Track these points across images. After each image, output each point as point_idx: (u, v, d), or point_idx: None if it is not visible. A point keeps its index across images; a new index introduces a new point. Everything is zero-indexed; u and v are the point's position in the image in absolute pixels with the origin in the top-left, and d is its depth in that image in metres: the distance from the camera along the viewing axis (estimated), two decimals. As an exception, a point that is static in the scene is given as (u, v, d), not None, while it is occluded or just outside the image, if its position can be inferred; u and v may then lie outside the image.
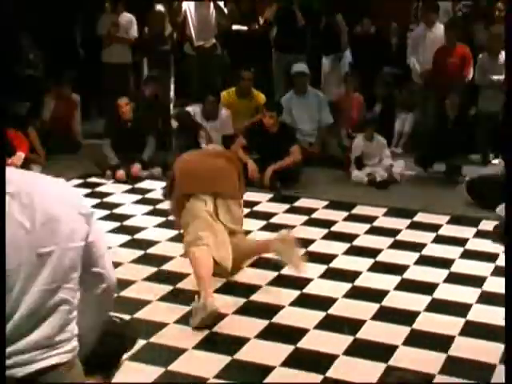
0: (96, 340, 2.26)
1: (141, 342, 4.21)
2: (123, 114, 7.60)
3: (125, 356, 3.94)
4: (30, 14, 9.34)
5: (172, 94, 10.15)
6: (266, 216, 6.54)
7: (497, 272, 5.25)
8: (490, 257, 5.57)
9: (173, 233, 5.90)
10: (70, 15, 9.86)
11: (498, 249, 5.65)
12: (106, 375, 2.50)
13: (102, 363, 2.45)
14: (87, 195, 7.04)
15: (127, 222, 6.33)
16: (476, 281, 5.18)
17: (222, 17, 9.40)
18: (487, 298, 4.88)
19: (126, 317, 4.46)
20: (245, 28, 9.49)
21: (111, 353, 2.48)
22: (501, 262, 5.39)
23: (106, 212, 6.57)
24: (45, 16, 9.46)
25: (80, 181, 7.48)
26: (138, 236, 5.97)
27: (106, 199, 6.99)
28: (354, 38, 9.63)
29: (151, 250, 5.68)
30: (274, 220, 6.46)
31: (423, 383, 2.37)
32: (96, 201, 6.90)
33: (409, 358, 4.14)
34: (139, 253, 5.59)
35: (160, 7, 9.55)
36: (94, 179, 7.54)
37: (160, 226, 6.21)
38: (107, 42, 9.36)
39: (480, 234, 6.07)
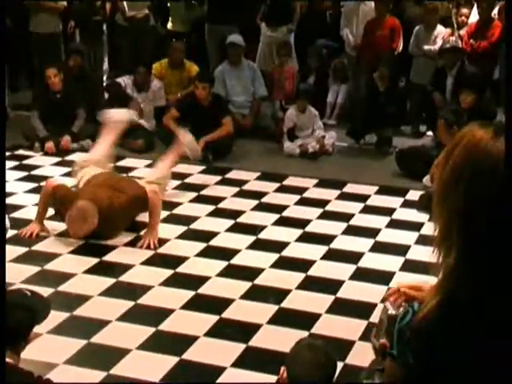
0: None
1: (64, 315, 4.22)
2: (52, 84, 7.44)
3: (47, 329, 3.95)
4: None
5: (106, 65, 9.98)
6: (198, 188, 6.52)
7: (421, 241, 5.36)
8: (415, 226, 5.68)
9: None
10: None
11: (423, 218, 5.76)
12: (14, 350, 2.46)
13: (8, 337, 2.41)
14: (15, 168, 6.91)
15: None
16: (400, 249, 5.28)
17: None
18: (410, 266, 4.98)
19: (50, 290, 4.46)
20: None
21: (18, 326, 2.44)
22: (425, 231, 5.50)
23: (34, 185, 6.45)
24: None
25: (8, 153, 7.27)
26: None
27: (34, 172, 6.86)
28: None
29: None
30: (205, 192, 6.45)
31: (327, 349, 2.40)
32: (24, 173, 6.78)
33: (332, 326, 4.22)
34: (63, 226, 5.51)
35: (91, -24, 9.33)
36: (22, 151, 7.39)
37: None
38: (34, 10, 9.09)
39: (407, 204, 6.18)
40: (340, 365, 3.74)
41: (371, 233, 5.58)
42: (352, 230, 5.65)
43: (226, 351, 3.94)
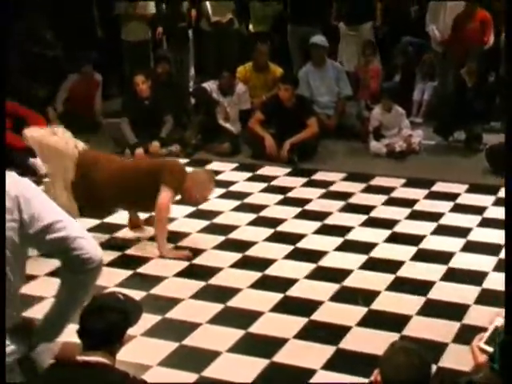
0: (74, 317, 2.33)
1: (156, 318, 4.31)
2: (140, 91, 7.61)
3: (140, 331, 4.05)
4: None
5: (192, 71, 10.14)
6: (284, 190, 6.54)
7: (515, 240, 5.19)
8: (508, 225, 5.51)
9: (190, 209, 5.93)
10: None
11: (517, 216, 5.58)
12: (110, 351, 2.54)
13: (103, 338, 2.49)
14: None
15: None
16: (493, 249, 5.14)
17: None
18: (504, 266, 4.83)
19: (142, 293, 4.57)
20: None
21: (112, 328, 2.51)
22: (519, 229, 5.33)
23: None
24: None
25: (100, 160, 7.52)
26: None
27: (125, 177, 7.03)
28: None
29: (171, 227, 5.71)
30: (291, 194, 6.46)
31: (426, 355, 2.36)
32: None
33: (423, 328, 4.15)
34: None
35: (176, -17, 9.51)
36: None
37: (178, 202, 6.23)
38: (125, 19, 9.35)
39: (499, 202, 6.01)
40: (433, 367, 3.70)
41: (462, 232, 5.46)
42: (442, 230, 5.54)
43: (316, 353, 3.94)
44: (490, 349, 1.77)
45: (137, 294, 4.37)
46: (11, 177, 2.26)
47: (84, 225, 5.46)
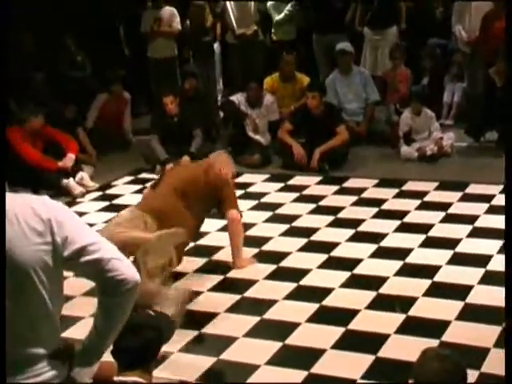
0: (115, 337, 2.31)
1: (192, 333, 4.31)
2: (170, 110, 7.67)
3: (177, 347, 4.05)
4: (72, 16, 9.50)
5: (220, 84, 10.18)
6: (316, 199, 6.51)
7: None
8: (546, 224, 5.41)
9: (222, 222, 5.93)
10: (112, 14, 10.00)
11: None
12: (145, 369, 2.54)
13: (138, 357, 2.49)
14: (139, 191, 7.14)
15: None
16: (531, 250, 5.05)
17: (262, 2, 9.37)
18: (543, 267, 4.75)
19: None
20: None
21: (147, 346, 2.51)
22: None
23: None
24: (88, 17, 9.62)
25: (131, 177, 7.59)
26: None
27: (157, 194, 7.06)
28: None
29: (202, 241, 5.72)
30: (323, 202, 6.43)
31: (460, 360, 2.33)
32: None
33: (463, 333, 4.09)
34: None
35: (200, -1, 9.57)
36: (144, 175, 7.63)
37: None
38: (151, 37, 9.43)
39: (535, 202, 5.91)
40: (475, 373, 3.64)
41: (499, 234, 5.35)
42: (478, 232, 5.47)
43: (354, 363, 3.90)
44: None
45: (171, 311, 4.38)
46: (43, 200, 2.27)
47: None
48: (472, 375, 3.57)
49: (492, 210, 5.87)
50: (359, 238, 5.55)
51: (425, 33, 9.11)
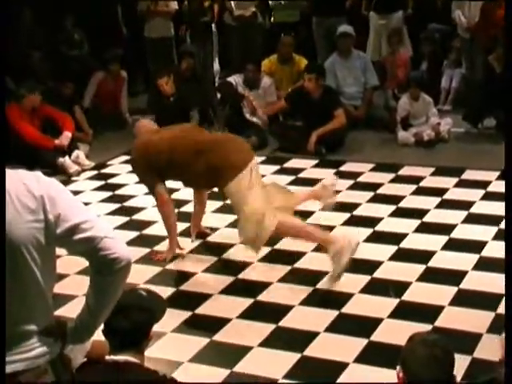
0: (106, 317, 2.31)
1: (186, 314, 4.31)
2: (165, 91, 7.63)
3: (170, 328, 4.05)
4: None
5: (217, 65, 10.12)
6: (312, 182, 6.45)
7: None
8: (542, 212, 5.41)
9: (218, 204, 5.92)
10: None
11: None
12: (137, 349, 2.53)
13: (130, 338, 2.48)
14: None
15: (174, 196, 6.36)
16: (526, 237, 5.05)
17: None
18: (538, 254, 4.75)
19: (171, 289, 4.57)
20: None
21: (138, 327, 2.51)
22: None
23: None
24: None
25: (127, 157, 7.52)
26: (184, 209, 6.00)
27: (152, 174, 7.04)
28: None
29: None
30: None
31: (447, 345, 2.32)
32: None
33: (456, 318, 4.10)
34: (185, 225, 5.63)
35: (198, -22, 9.49)
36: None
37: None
38: (148, 16, 9.37)
39: (531, 189, 5.90)
40: (468, 359, 3.65)
41: (494, 220, 5.37)
42: (473, 218, 5.47)
43: (347, 346, 3.91)
44: None
45: (166, 291, 4.39)
46: (36, 176, 2.25)
47: (112, 222, 5.50)
48: (464, 360, 3.58)
49: (488, 197, 5.87)
50: (354, 221, 5.54)
51: (425, 18, 9.05)
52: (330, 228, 5.40)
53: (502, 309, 4.15)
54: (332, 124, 7.30)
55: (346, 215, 5.65)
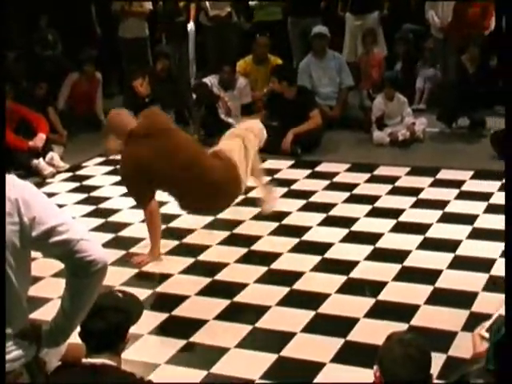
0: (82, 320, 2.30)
1: (163, 315, 4.30)
2: (140, 92, 7.61)
3: (147, 330, 4.04)
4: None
5: (193, 66, 10.09)
6: (288, 183, 6.51)
7: (521, 225, 5.16)
8: (515, 210, 5.47)
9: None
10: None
11: (523, 202, 5.54)
12: (114, 352, 2.52)
13: (106, 340, 2.47)
14: (110, 172, 7.08)
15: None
16: (500, 235, 5.09)
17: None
18: None
19: (148, 291, 4.55)
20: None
21: (115, 329, 2.50)
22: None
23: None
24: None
25: (102, 158, 7.52)
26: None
27: (128, 175, 7.00)
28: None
29: (174, 223, 5.69)
30: (295, 186, 6.43)
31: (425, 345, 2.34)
32: (117, 178, 6.93)
33: (432, 317, 4.12)
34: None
35: (173, -21, 9.46)
36: (116, 156, 7.54)
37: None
38: (122, 16, 9.32)
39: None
40: (443, 357, 3.68)
41: (469, 219, 5.42)
42: (448, 218, 5.51)
43: (324, 346, 3.92)
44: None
45: (142, 293, 4.37)
46: (11, 180, 2.23)
47: (87, 224, 5.47)
48: (439, 359, 3.61)
49: (462, 196, 5.92)
50: (330, 222, 5.56)
51: (400, 18, 9.11)
52: (307, 229, 5.43)
53: (476, 307, 4.20)
54: (307, 124, 7.32)
55: (322, 216, 5.66)
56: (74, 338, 2.55)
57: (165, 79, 8.24)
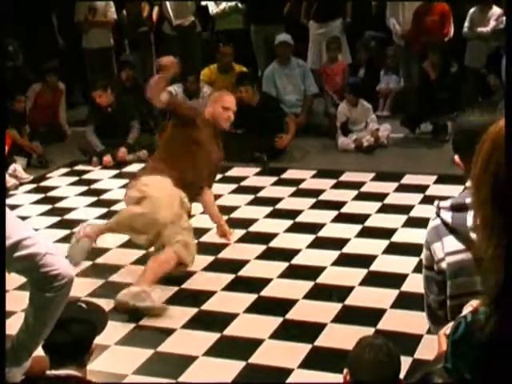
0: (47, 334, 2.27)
1: (130, 326, 4.27)
2: (101, 102, 7.57)
3: (113, 340, 4.01)
4: (3, 5, 9.25)
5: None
6: (254, 190, 6.52)
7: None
8: (478, 213, 5.54)
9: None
10: (45, 3, 9.78)
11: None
12: (79, 363, 2.49)
13: (71, 352, 2.44)
14: (75, 183, 7.03)
15: (115, 207, 6.29)
16: (464, 238, 5.16)
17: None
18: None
19: (110, 302, 4.52)
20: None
21: (79, 339, 2.47)
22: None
23: (94, 198, 6.56)
24: (20, 6, 9.39)
25: (67, 169, 7.46)
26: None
27: (94, 186, 6.97)
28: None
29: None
30: (262, 193, 6.45)
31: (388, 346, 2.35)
32: (84, 188, 6.89)
33: (398, 321, 4.16)
34: (126, 237, 5.57)
35: (136, -12, 9.45)
36: (81, 166, 7.51)
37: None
38: (85, 27, 9.28)
39: (468, 192, 6.04)
40: (409, 360, 3.70)
41: (433, 223, 5.47)
42: (413, 222, 5.55)
43: (291, 353, 3.92)
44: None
45: (108, 303, 4.33)
46: None
47: (52, 235, 5.41)
48: (405, 361, 3.62)
49: (427, 200, 5.96)
50: (297, 228, 5.58)
51: (363, 26, 9.19)
52: (273, 235, 5.44)
53: (442, 310, 4.23)
54: (290, 134, 7.36)
55: (289, 222, 5.68)
56: (39, 351, 2.52)
57: (130, 88, 8.21)
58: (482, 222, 1.46)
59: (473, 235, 1.63)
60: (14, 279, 4.35)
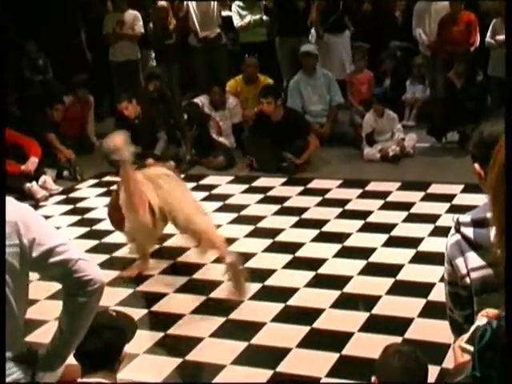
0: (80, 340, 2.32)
1: (158, 334, 4.31)
2: (128, 114, 7.66)
3: (142, 349, 4.05)
4: (33, 20, 9.44)
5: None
6: (281, 200, 6.55)
7: None
8: (505, 222, 5.52)
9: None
10: (74, 18, 9.94)
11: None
12: (110, 370, 2.54)
13: (101, 359, 2.49)
14: (103, 194, 7.11)
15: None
16: (491, 247, 5.14)
17: (225, 6, 9.41)
18: (503, 264, 4.83)
19: (144, 310, 4.57)
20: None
21: (109, 347, 2.51)
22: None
23: (122, 209, 6.62)
24: (49, 21, 9.56)
25: (96, 180, 7.55)
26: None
27: (121, 197, 7.03)
28: (360, 15, 9.55)
29: (167, 243, 5.72)
30: (288, 203, 6.47)
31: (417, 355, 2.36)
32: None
33: (425, 330, 4.15)
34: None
35: (162, 2, 9.55)
36: (109, 178, 7.58)
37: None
38: (113, 39, 9.40)
39: (495, 201, 6.01)
40: (437, 369, 3.70)
41: (459, 232, 5.45)
42: (439, 231, 5.53)
43: (319, 361, 3.94)
44: (471, 347, 1.74)
45: (138, 312, 4.39)
46: (9, 202, 2.26)
47: (81, 246, 5.49)
48: (434, 370, 3.63)
49: (453, 210, 5.95)
50: (323, 238, 5.60)
51: (386, 36, 9.21)
52: (300, 245, 5.46)
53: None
54: (310, 150, 7.38)
55: (315, 232, 5.70)
56: (70, 359, 2.57)
57: (156, 100, 8.30)
58: (499, 230, 1.47)
59: (497, 251, 1.63)
60: (44, 288, 4.47)
